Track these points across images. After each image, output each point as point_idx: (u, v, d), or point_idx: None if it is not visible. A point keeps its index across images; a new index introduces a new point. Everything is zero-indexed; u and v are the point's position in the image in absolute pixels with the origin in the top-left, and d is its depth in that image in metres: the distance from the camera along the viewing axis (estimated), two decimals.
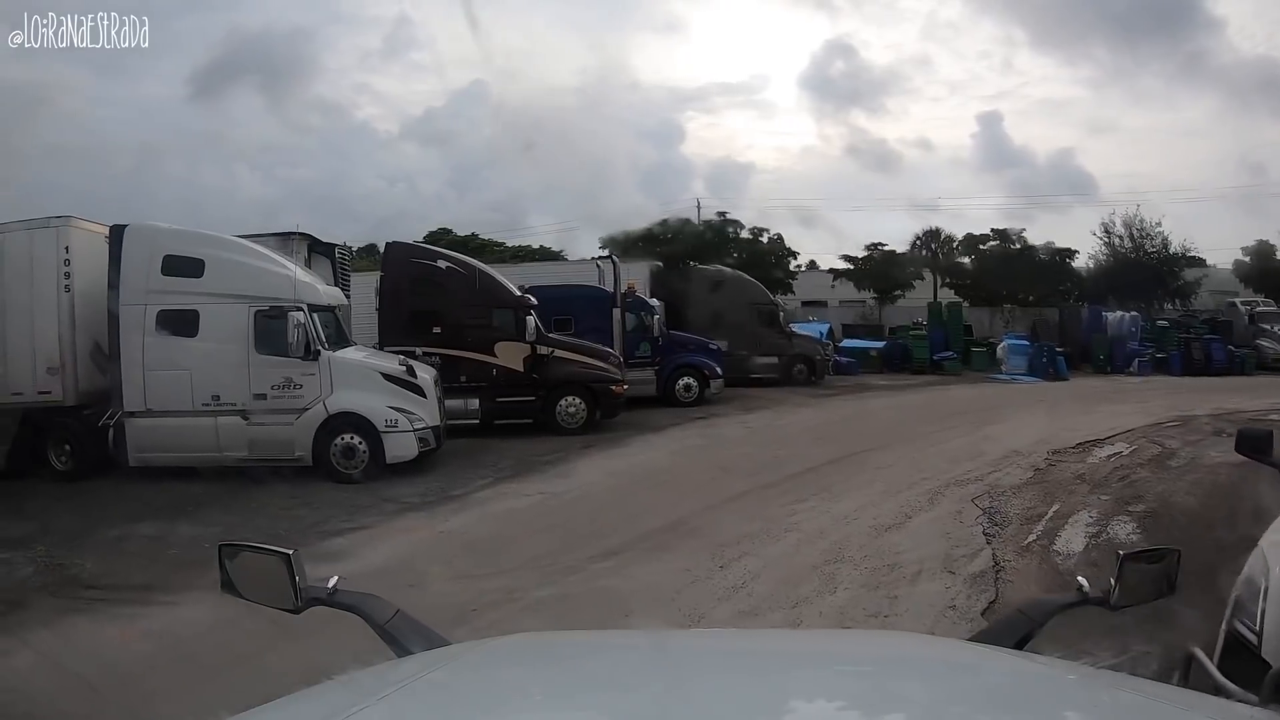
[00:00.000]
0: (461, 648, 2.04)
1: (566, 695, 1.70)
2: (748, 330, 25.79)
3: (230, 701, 1.72)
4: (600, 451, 15.69)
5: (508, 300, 17.33)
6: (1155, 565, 2.32)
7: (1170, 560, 2.33)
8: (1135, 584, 2.21)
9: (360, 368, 13.71)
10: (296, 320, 12.92)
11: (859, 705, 1.61)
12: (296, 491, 12.35)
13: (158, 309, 13.14)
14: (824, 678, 1.80)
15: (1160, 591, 2.30)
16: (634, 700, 1.64)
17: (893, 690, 1.71)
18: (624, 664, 1.97)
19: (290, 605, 2.13)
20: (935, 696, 1.66)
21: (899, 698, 1.65)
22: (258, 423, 13.13)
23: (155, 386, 13.16)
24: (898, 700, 1.64)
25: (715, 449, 16.07)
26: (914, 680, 1.80)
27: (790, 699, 1.62)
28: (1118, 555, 2.22)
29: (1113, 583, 2.16)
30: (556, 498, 12.29)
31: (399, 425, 13.12)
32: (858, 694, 1.67)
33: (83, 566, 9.35)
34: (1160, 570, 2.31)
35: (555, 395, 17.31)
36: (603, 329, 19.77)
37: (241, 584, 2.23)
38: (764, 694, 1.61)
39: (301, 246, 16.10)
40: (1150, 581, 2.28)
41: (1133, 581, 2.20)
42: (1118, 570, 2.17)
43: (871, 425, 18.68)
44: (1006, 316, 40.52)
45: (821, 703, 1.65)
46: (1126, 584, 2.17)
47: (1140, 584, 2.24)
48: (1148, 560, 2.32)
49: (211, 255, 13.31)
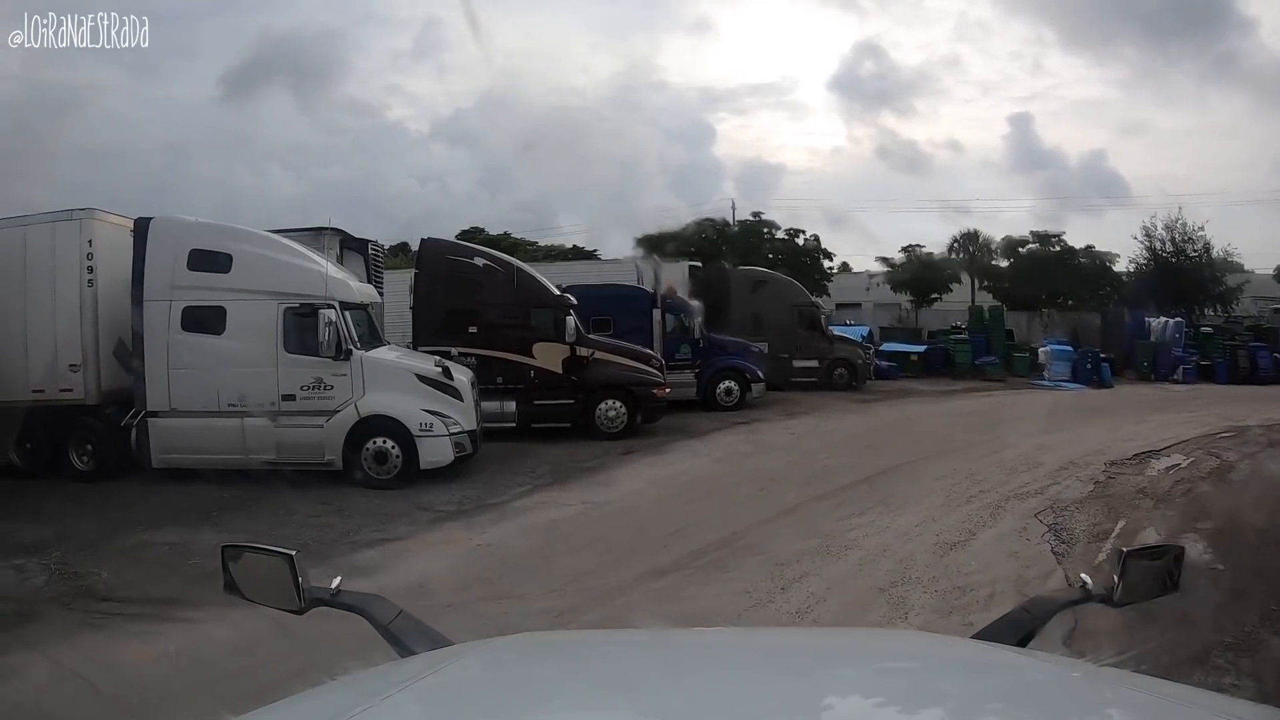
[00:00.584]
0: (464, 648, 2.01)
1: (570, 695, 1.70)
2: (788, 332, 24.81)
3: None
4: (642, 458, 14.94)
5: (547, 300, 16.58)
6: (1158, 562, 2.28)
7: (1173, 557, 2.29)
8: (1138, 581, 2.18)
9: (394, 368, 12.98)
10: (327, 318, 12.22)
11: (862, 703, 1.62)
12: (326, 497, 11.73)
13: (183, 305, 12.55)
14: (827, 676, 1.80)
15: (1164, 589, 2.25)
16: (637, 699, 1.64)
17: (896, 688, 1.70)
18: (627, 663, 1.96)
19: (293, 606, 2.13)
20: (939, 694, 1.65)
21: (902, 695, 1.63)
22: (286, 425, 12.44)
23: (180, 386, 12.57)
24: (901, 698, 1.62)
25: (761, 456, 15.25)
26: (918, 678, 1.79)
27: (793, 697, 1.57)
28: (1120, 552, 2.20)
29: (1116, 580, 2.14)
30: (599, 508, 11.53)
31: (434, 429, 12.39)
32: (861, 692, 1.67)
33: (99, 576, 8.81)
34: (1163, 567, 2.27)
35: (595, 398, 16.51)
36: (642, 330, 19.02)
37: (245, 585, 2.23)
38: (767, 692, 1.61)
39: (333, 242, 15.39)
40: (1154, 579, 2.24)
41: (1136, 579, 2.17)
42: (1121, 567, 2.15)
43: (920, 432, 17.94)
44: (1044, 321, 39.39)
45: (825, 700, 1.64)
46: (1130, 581, 2.15)
47: (1143, 581, 2.21)
48: (1151, 557, 2.30)
49: (239, 250, 12.65)
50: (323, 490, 11.93)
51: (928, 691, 1.66)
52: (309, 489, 11.89)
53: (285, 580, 2.12)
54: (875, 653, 2.14)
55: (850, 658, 2.01)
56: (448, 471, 12.57)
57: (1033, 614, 2.16)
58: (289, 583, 2.11)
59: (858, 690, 1.69)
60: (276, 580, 2.14)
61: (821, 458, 14.92)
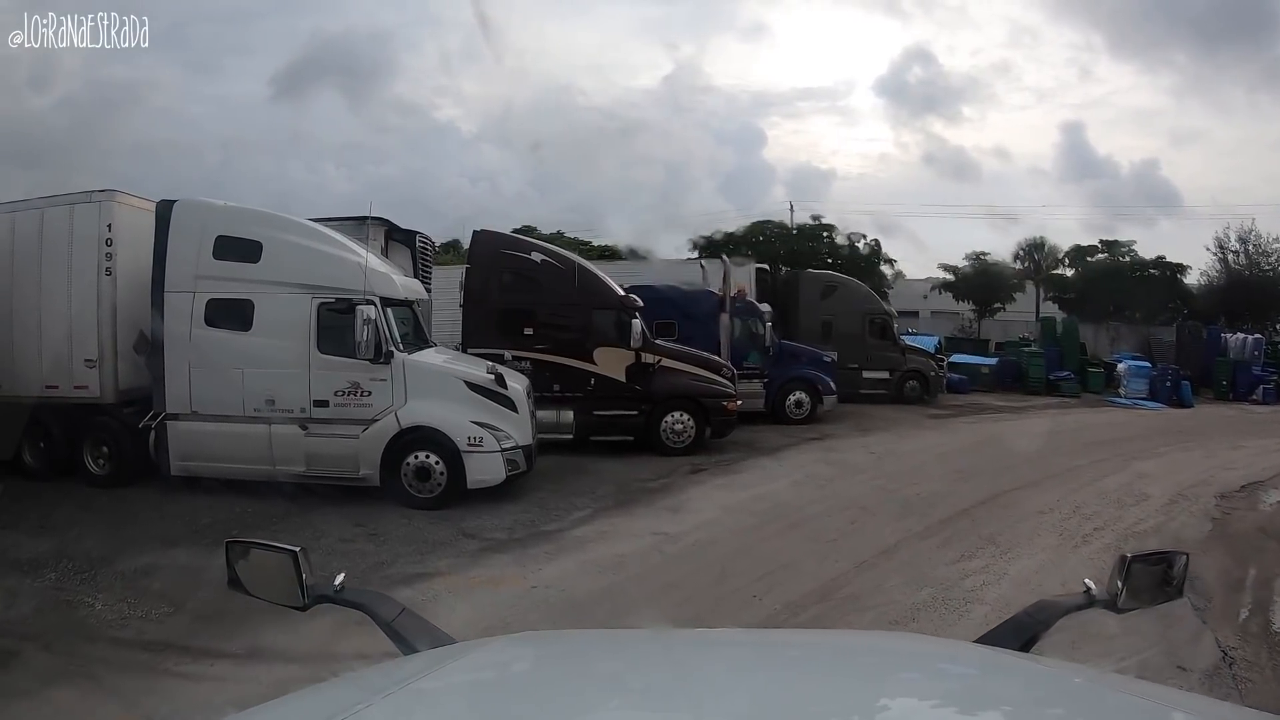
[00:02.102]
0: (467, 646, 1.99)
1: (572, 693, 1.64)
2: (859, 341, 22.74)
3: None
4: (713, 478, 13.14)
5: (610, 300, 14.70)
6: (1162, 568, 2.23)
7: (1177, 563, 2.24)
8: (1142, 587, 2.15)
9: (440, 374, 11.27)
10: (366, 315, 10.53)
11: (865, 706, 1.58)
12: (360, 517, 10.19)
13: (207, 297, 11.02)
14: (830, 678, 1.76)
15: (1168, 595, 2.22)
16: (638, 698, 1.62)
17: (899, 691, 1.68)
18: (629, 662, 1.91)
19: (297, 603, 2.11)
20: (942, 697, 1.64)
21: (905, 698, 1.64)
22: (318, 433, 10.81)
23: (201, 386, 11.04)
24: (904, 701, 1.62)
25: (844, 480, 13.37)
26: (920, 680, 1.76)
27: (796, 699, 1.54)
28: (1124, 557, 2.14)
29: (1119, 585, 2.10)
30: (672, 541, 9.73)
31: (484, 444, 10.67)
32: (864, 695, 1.64)
33: (92, 608, 7.55)
34: (1167, 573, 2.22)
35: (660, 410, 14.64)
36: (708, 335, 17.09)
37: (249, 581, 2.20)
38: (769, 693, 1.58)
39: (378, 233, 13.76)
40: (1157, 585, 2.20)
41: (1140, 584, 2.13)
42: (1124, 573, 2.11)
43: (1007, 455, 15.92)
44: (1111, 334, 37.10)
45: (827, 703, 1.56)
46: (1133, 587, 2.11)
47: (1147, 587, 2.17)
48: (1154, 563, 2.23)
49: (270, 237, 11.06)
50: (357, 509, 10.40)
51: (930, 694, 1.64)
52: (342, 507, 10.40)
53: (289, 576, 2.09)
54: (877, 655, 2.06)
55: (852, 660, 1.96)
56: (497, 490, 10.87)
57: (1036, 618, 2.09)
58: (293, 579, 2.08)
59: (860, 692, 1.64)
60: (280, 576, 2.11)
61: (910, 483, 13.07)
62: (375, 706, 1.44)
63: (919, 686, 1.71)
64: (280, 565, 2.11)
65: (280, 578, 2.11)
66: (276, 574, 2.12)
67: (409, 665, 1.81)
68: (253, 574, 2.19)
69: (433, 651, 1.90)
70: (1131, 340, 36.24)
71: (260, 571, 2.18)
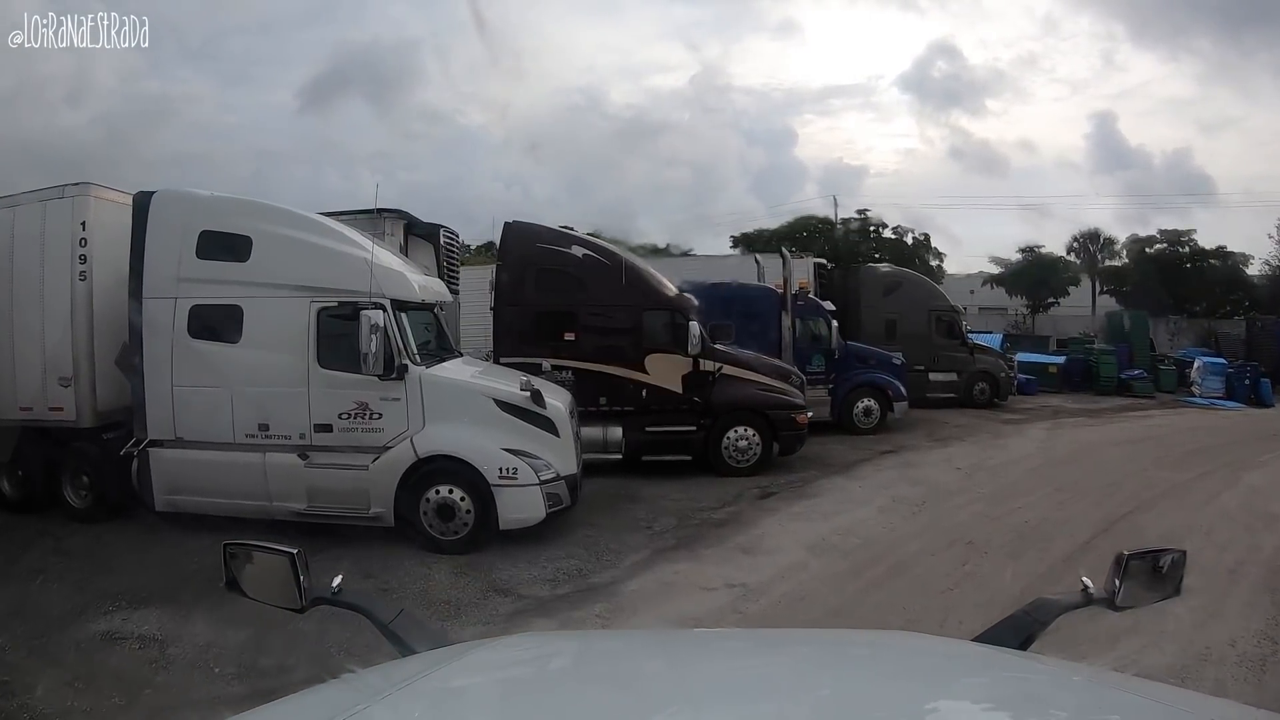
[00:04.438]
0: (465, 647, 1.94)
1: (569, 694, 1.60)
2: (925, 341, 20.34)
3: None
4: (786, 504, 10.94)
5: (663, 300, 12.42)
6: (1160, 566, 2.13)
7: (1175, 561, 2.14)
8: (1140, 585, 2.06)
9: (465, 391, 9.13)
10: (373, 322, 8.43)
11: (864, 705, 1.50)
12: (371, 565, 8.19)
13: (190, 304, 9.05)
14: (829, 677, 1.70)
15: (1166, 593, 2.13)
16: (637, 698, 1.55)
17: (898, 689, 1.61)
18: (627, 663, 1.87)
19: (295, 604, 2.04)
20: (940, 696, 1.57)
21: (904, 697, 1.54)
22: (320, 464, 8.79)
23: (186, 408, 9.10)
24: (902, 699, 1.53)
25: (936, 505, 11.08)
26: (919, 680, 1.69)
27: (795, 698, 1.50)
28: (1121, 555, 2.05)
29: (1117, 583, 2.02)
30: (752, 596, 7.53)
31: (519, 476, 8.56)
32: (863, 693, 1.58)
33: (33, 693, 5.86)
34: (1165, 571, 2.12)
35: (722, 425, 12.40)
36: (768, 338, 14.86)
37: (246, 583, 2.12)
38: (769, 693, 1.54)
39: (396, 227, 11.74)
40: (1156, 583, 2.11)
41: (1138, 582, 2.05)
42: (1122, 571, 2.02)
43: (1105, 469, 13.66)
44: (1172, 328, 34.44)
45: (827, 702, 1.51)
46: (1131, 585, 2.03)
47: (1145, 585, 2.08)
48: (1152, 561, 2.13)
49: (261, 231, 9.04)
50: (367, 553, 8.40)
51: (929, 693, 1.58)
52: (349, 549, 8.37)
53: (287, 578, 2.02)
54: (877, 654, 2.00)
55: (852, 659, 1.90)
56: (536, 529, 8.79)
57: (1034, 617, 2.02)
58: (290, 581, 2.01)
59: (859, 691, 1.58)
60: (278, 578, 2.04)
61: (1011, 507, 10.85)
62: (374, 708, 1.39)
63: (918, 685, 1.63)
64: (278, 567, 2.03)
65: (277, 579, 2.03)
66: (273, 575, 2.04)
67: (408, 667, 1.75)
68: (250, 576, 2.10)
69: (431, 653, 1.84)
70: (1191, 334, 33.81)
71: (258, 574, 2.09)
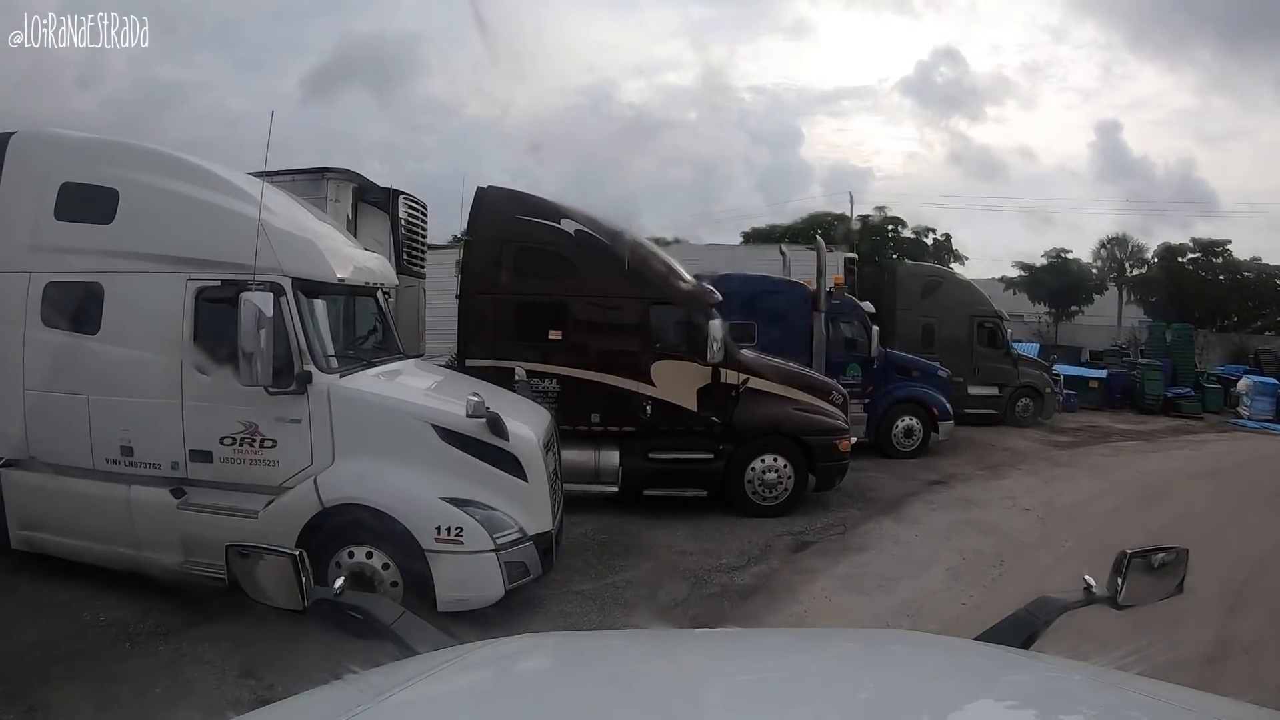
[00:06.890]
0: (467, 648, 1.85)
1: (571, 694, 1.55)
2: (965, 350, 17.44)
3: None
4: (828, 564, 8.22)
5: (674, 293, 9.56)
6: (1163, 565, 2.07)
7: (1178, 560, 2.09)
8: (1143, 584, 2.01)
9: (391, 413, 6.25)
10: (257, 309, 5.66)
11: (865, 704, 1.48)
12: (262, 656, 5.51)
13: (45, 280, 6.46)
14: (831, 677, 1.66)
15: (1168, 591, 2.08)
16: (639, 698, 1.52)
17: (900, 689, 1.58)
18: (628, 663, 1.82)
19: (296, 605, 1.98)
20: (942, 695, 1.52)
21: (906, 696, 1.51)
22: (197, 504, 6.17)
23: (39, 420, 6.49)
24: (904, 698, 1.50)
25: (1018, 567, 8.31)
26: (921, 679, 1.64)
27: (797, 698, 1.46)
28: (1123, 554, 1.99)
29: (1120, 582, 1.98)
30: None
31: (465, 539, 5.78)
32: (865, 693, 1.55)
33: None
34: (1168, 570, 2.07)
35: (746, 452, 9.58)
36: (797, 342, 12.06)
37: (248, 584, 2.07)
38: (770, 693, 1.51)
39: (342, 191, 9.11)
40: (1158, 582, 2.06)
41: (1140, 581, 2.01)
42: (1124, 569, 1.98)
43: (1193, 513, 11.06)
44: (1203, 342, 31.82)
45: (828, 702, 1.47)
46: (1134, 584, 1.99)
47: (1148, 584, 2.03)
48: (1155, 559, 2.07)
49: (129, 182, 6.36)
50: (262, 638, 5.58)
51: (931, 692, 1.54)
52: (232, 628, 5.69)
53: (289, 579, 1.97)
54: (879, 654, 1.94)
55: (854, 659, 1.86)
56: (491, 609, 6.03)
57: (1036, 615, 1.98)
58: (292, 582, 1.96)
59: (861, 691, 1.55)
60: (280, 580, 1.99)
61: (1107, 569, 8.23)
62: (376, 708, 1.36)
63: (920, 684, 1.59)
64: (279, 568, 1.98)
65: (279, 580, 1.97)
66: (275, 576, 1.99)
67: (409, 667, 1.69)
68: (251, 577, 2.03)
69: (433, 654, 1.78)
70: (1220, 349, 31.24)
71: (259, 574, 2.03)
